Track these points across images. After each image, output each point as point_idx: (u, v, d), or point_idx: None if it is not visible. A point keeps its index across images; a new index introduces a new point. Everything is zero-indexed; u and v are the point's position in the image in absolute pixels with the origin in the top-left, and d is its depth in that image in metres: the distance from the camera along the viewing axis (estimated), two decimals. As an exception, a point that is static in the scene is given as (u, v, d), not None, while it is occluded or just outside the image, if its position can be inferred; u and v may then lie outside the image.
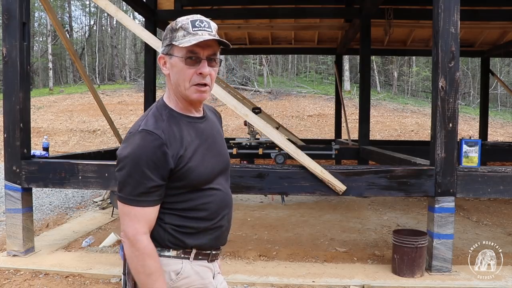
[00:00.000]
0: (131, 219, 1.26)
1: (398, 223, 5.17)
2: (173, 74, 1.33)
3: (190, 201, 1.34)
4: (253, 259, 3.82)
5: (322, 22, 7.80)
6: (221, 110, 15.17)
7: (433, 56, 3.55)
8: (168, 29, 1.33)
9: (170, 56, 1.32)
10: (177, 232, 1.33)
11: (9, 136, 3.80)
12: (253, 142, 6.21)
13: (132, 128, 1.32)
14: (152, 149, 1.25)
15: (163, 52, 1.34)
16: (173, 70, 1.33)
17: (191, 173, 1.31)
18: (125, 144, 1.29)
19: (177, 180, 1.30)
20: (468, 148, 3.64)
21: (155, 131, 1.27)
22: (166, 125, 1.30)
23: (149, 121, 1.30)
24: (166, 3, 7.55)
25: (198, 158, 1.33)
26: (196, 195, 1.34)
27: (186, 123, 1.35)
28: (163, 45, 1.34)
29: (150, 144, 1.25)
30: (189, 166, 1.30)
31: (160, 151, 1.25)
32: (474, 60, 21.77)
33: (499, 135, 14.09)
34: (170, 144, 1.27)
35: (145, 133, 1.26)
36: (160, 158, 1.25)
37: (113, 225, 5.03)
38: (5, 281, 3.32)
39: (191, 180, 1.32)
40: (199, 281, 1.37)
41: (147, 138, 1.26)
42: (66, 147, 12.60)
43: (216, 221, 1.39)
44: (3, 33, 3.77)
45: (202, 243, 1.37)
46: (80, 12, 31.98)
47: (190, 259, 1.36)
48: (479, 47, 9.10)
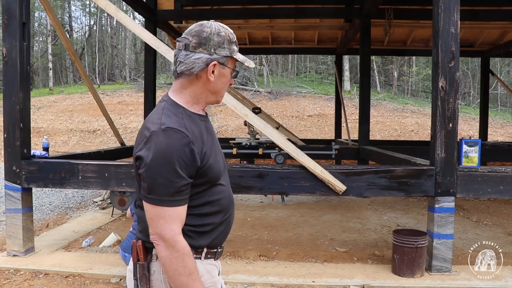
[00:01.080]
0: (167, 221, 1.24)
1: (398, 223, 5.17)
2: (219, 82, 1.36)
3: (208, 197, 1.35)
4: (253, 259, 3.82)
5: (322, 22, 7.80)
6: (221, 110, 15.20)
7: (433, 56, 3.55)
8: (224, 38, 1.34)
9: (224, 67, 1.35)
10: (193, 233, 1.33)
11: (9, 136, 3.80)
12: (253, 142, 6.21)
13: (151, 126, 1.27)
14: (181, 147, 1.23)
15: (219, 60, 1.33)
16: (221, 80, 1.36)
17: (211, 169, 1.33)
18: (149, 144, 1.24)
19: (200, 177, 1.30)
20: (468, 148, 3.64)
21: (181, 129, 1.25)
22: (187, 123, 1.30)
23: (170, 119, 1.28)
24: (166, 3, 7.56)
25: (213, 155, 1.35)
26: (211, 191, 1.36)
27: (199, 122, 1.37)
28: (218, 53, 1.33)
29: (178, 142, 1.23)
30: (210, 163, 1.32)
31: (189, 149, 1.24)
32: (474, 60, 21.77)
33: (499, 135, 14.09)
34: (195, 142, 1.27)
35: (172, 131, 1.24)
36: (189, 156, 1.24)
37: (113, 225, 5.03)
38: (5, 281, 3.32)
39: (211, 176, 1.33)
40: (210, 279, 1.38)
41: (175, 136, 1.23)
42: (66, 147, 12.60)
43: (227, 216, 1.42)
44: (3, 33, 3.77)
45: (213, 240, 1.38)
46: (80, 12, 32.01)
47: (201, 259, 1.36)
48: (479, 47, 9.10)
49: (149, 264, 1.33)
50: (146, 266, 1.33)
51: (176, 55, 1.36)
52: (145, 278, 1.32)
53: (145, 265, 1.33)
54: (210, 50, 1.32)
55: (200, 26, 1.34)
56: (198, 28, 1.33)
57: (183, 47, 1.33)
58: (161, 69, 23.22)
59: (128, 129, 13.51)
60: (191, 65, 1.32)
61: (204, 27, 1.33)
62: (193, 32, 1.33)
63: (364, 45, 6.46)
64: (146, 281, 1.32)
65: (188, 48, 1.32)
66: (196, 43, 1.32)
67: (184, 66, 1.33)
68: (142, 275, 1.32)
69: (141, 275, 1.32)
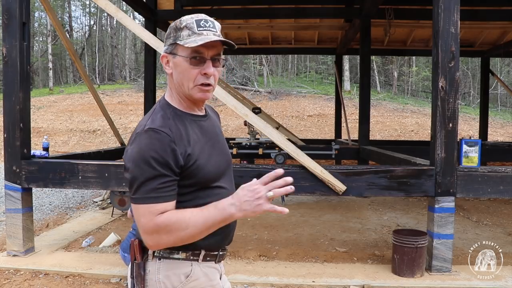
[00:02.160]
0: (146, 217, 1.21)
1: (398, 223, 5.17)
2: (177, 73, 1.31)
3: (200, 199, 1.31)
4: (253, 259, 3.82)
5: (322, 22, 7.80)
6: (221, 110, 15.18)
7: (433, 56, 3.55)
8: (171, 28, 1.31)
9: (174, 56, 1.30)
10: None
11: (9, 136, 3.80)
12: (253, 142, 6.21)
13: (138, 129, 1.28)
14: (161, 146, 1.22)
15: (166, 51, 1.32)
16: (177, 70, 1.30)
17: (200, 171, 1.29)
18: (132, 145, 1.25)
19: (187, 178, 1.28)
20: (468, 148, 3.64)
21: (163, 129, 1.24)
22: (172, 123, 1.28)
23: (154, 120, 1.28)
24: (166, 3, 7.55)
25: (205, 156, 1.32)
26: (205, 193, 1.33)
27: (190, 121, 1.34)
28: (166, 43, 1.32)
29: (157, 142, 1.22)
30: (197, 164, 1.28)
31: (170, 148, 1.23)
32: (474, 60, 21.77)
33: (499, 135, 14.09)
34: (177, 142, 1.25)
35: (152, 131, 1.23)
36: (170, 154, 1.22)
37: (113, 225, 5.03)
38: (5, 281, 3.32)
39: (200, 178, 1.30)
40: (208, 282, 1.36)
41: (155, 136, 1.23)
42: (66, 147, 12.60)
43: None
44: (3, 33, 3.77)
45: (211, 243, 1.35)
46: (80, 12, 32.03)
47: (199, 261, 1.34)
48: (479, 47, 9.10)
49: (144, 264, 1.33)
50: (142, 265, 1.32)
51: None
52: (140, 277, 1.31)
53: (141, 264, 1.32)
54: (165, 44, 1.34)
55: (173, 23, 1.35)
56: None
57: None
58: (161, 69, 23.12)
59: (128, 129, 13.50)
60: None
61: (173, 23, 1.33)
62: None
63: (364, 45, 6.46)
64: (141, 281, 1.31)
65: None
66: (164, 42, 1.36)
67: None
68: (138, 274, 1.32)
69: (136, 274, 1.32)
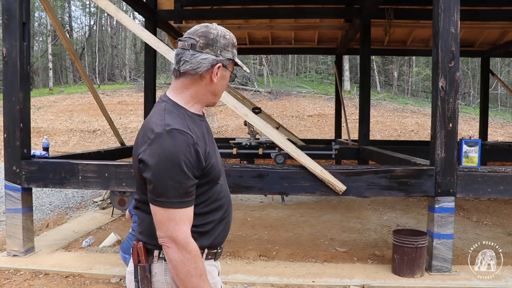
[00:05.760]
0: (177, 223, 1.24)
1: (398, 223, 5.17)
2: (219, 85, 1.39)
3: (208, 195, 1.35)
4: (253, 259, 3.82)
5: (322, 22, 7.79)
6: (221, 110, 15.19)
7: (433, 56, 3.55)
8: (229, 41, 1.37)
9: (226, 69, 1.38)
10: (195, 233, 1.32)
11: (9, 136, 3.80)
12: (253, 142, 6.21)
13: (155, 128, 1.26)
14: (187, 148, 1.23)
15: (223, 62, 1.36)
16: (221, 82, 1.39)
17: (214, 169, 1.35)
18: (153, 145, 1.23)
19: (204, 177, 1.31)
20: (468, 148, 3.64)
21: (186, 130, 1.26)
22: (190, 124, 1.30)
23: (173, 120, 1.27)
24: (166, 3, 7.55)
25: (213, 155, 1.37)
26: (216, 189, 1.38)
27: (199, 122, 1.38)
28: (223, 55, 1.35)
29: (184, 143, 1.23)
30: (212, 162, 1.33)
31: (194, 150, 1.25)
32: (474, 60, 21.76)
33: (499, 135, 14.09)
34: (199, 143, 1.28)
35: (177, 132, 1.24)
36: (194, 156, 1.25)
37: (113, 225, 5.03)
38: (5, 281, 3.32)
39: (213, 175, 1.35)
40: (211, 280, 1.38)
41: (180, 137, 1.23)
42: (66, 147, 12.60)
43: (226, 214, 1.43)
44: (3, 33, 3.77)
45: (213, 241, 1.38)
46: (80, 12, 32.04)
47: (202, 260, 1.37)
48: (479, 47, 9.10)
49: (150, 266, 1.33)
50: (147, 267, 1.32)
51: (179, 54, 1.35)
52: (147, 280, 1.31)
53: (146, 266, 1.32)
54: (217, 51, 1.34)
55: (206, 28, 1.35)
56: (204, 29, 1.34)
57: (189, 47, 1.33)
58: (161, 69, 23.21)
59: (128, 129, 13.50)
60: (197, 65, 1.33)
61: (210, 28, 1.34)
62: (199, 33, 1.34)
63: (364, 45, 6.46)
64: (148, 283, 1.31)
65: (195, 48, 1.33)
66: (203, 44, 1.33)
67: (190, 65, 1.33)
68: (144, 277, 1.31)
69: (142, 277, 1.31)
